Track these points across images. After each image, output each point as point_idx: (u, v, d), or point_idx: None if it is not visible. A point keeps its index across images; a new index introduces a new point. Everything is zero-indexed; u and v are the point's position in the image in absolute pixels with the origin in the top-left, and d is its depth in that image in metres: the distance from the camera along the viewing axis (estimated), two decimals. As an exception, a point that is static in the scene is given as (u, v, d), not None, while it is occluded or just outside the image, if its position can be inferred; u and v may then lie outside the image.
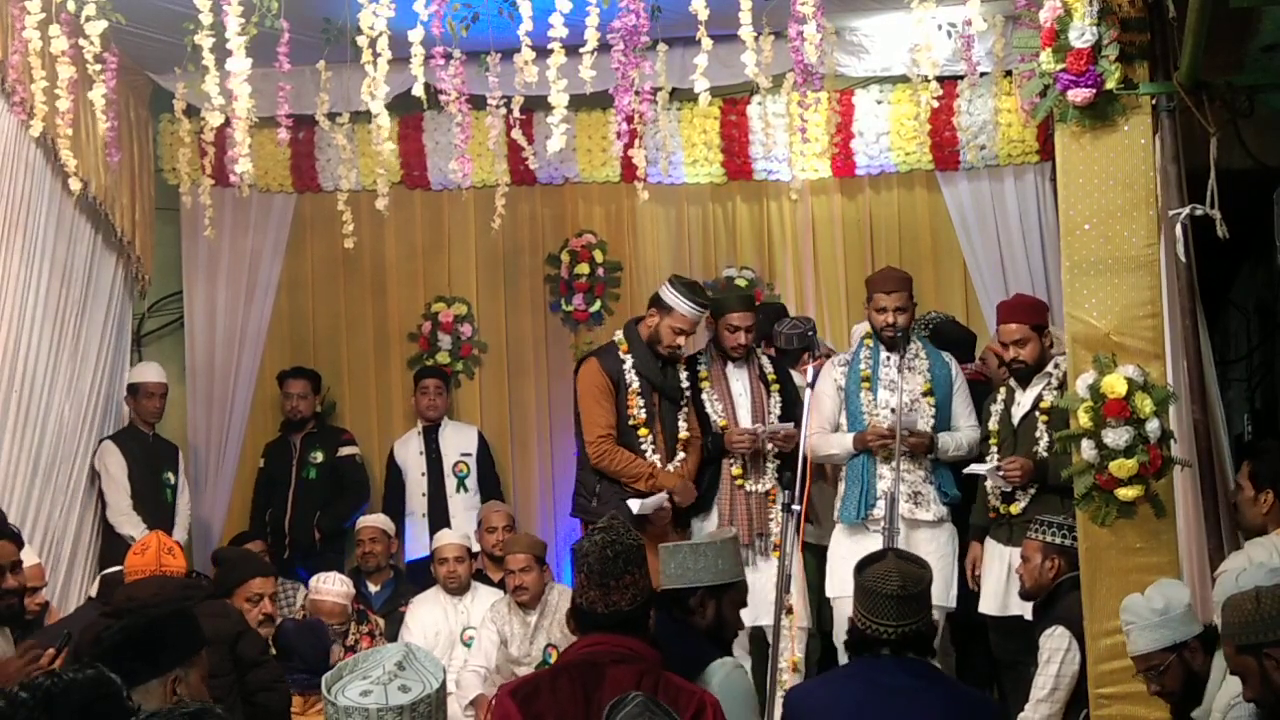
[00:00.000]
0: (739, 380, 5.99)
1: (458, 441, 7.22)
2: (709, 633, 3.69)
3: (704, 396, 5.97)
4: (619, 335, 5.98)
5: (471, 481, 7.14)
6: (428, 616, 6.30)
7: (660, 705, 2.66)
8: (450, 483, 7.10)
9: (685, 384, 5.96)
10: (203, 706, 2.26)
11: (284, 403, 7.26)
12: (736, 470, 5.87)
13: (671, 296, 5.79)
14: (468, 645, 6.15)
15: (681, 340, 5.82)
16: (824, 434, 5.81)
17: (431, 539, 6.79)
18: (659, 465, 5.80)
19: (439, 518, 7.02)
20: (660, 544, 3.95)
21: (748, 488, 5.86)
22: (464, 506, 7.04)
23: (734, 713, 3.34)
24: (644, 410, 5.80)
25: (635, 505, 5.67)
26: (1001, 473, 5.45)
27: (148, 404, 6.79)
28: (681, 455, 5.89)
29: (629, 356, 5.84)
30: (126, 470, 6.59)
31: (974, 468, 5.58)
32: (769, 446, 5.84)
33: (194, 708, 2.25)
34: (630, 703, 2.62)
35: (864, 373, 5.78)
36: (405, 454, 7.26)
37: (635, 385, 5.80)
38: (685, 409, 5.96)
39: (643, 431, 5.79)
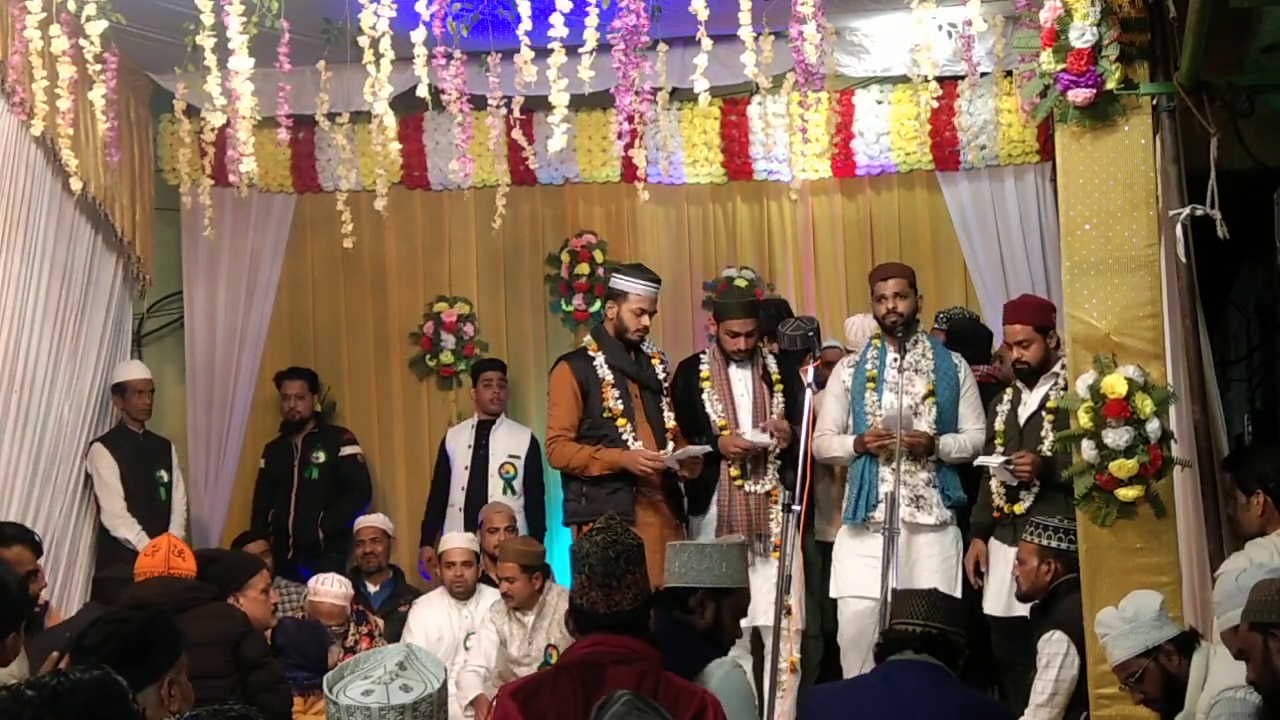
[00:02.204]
0: (741, 381, 6.00)
1: (508, 443, 7.15)
2: (706, 635, 3.70)
3: (704, 396, 5.97)
4: (587, 338, 6.04)
5: (519, 484, 7.09)
6: (431, 619, 6.27)
7: (648, 703, 2.64)
8: (495, 483, 7.03)
9: (662, 375, 5.98)
10: (246, 709, 2.27)
11: (281, 404, 7.25)
12: (735, 471, 5.87)
13: (622, 282, 5.87)
14: (470, 650, 6.13)
15: (645, 321, 5.86)
16: (829, 435, 5.82)
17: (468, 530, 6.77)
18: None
19: (473, 514, 6.95)
20: (668, 543, 3.96)
21: (747, 488, 5.86)
22: (513, 509, 6.92)
23: (733, 712, 3.34)
24: (620, 402, 5.81)
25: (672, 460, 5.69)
26: (1012, 467, 5.45)
27: (137, 401, 6.77)
28: (672, 444, 5.88)
29: (599, 354, 5.87)
30: (118, 472, 6.57)
31: (984, 460, 5.57)
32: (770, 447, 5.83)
33: (239, 709, 2.27)
34: (617, 701, 2.61)
35: (870, 373, 5.79)
36: (455, 444, 7.22)
37: (609, 379, 5.81)
38: (667, 398, 5.97)
39: (620, 422, 5.80)
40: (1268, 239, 5.89)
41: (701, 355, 6.14)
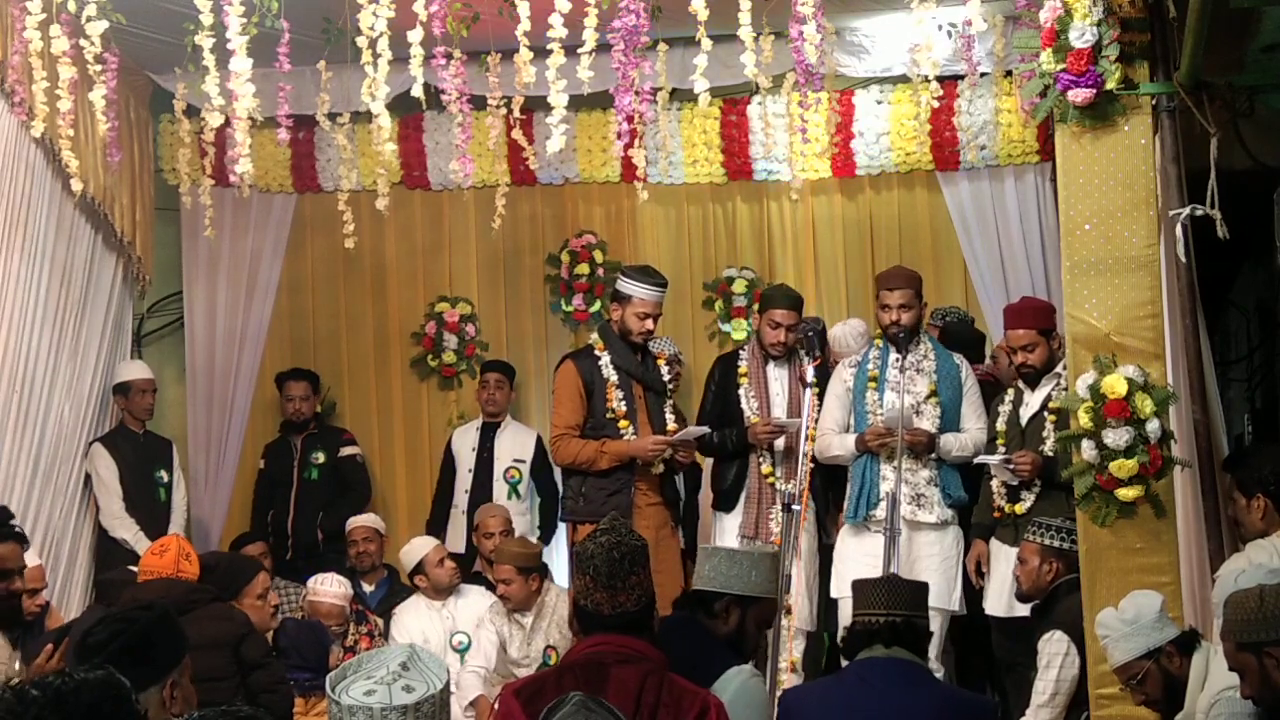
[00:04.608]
0: (778, 380, 6.02)
1: (513, 446, 7.11)
2: (728, 641, 3.69)
3: (741, 391, 5.99)
4: (594, 336, 6.06)
5: (524, 488, 7.06)
6: (413, 624, 6.22)
7: (600, 703, 2.63)
8: (500, 487, 7.01)
9: (667, 378, 6.02)
10: (255, 711, 2.28)
11: (285, 405, 7.24)
12: (767, 469, 5.89)
13: (627, 285, 5.88)
14: (459, 651, 6.11)
15: (649, 324, 5.88)
16: (829, 435, 5.82)
17: (470, 533, 6.77)
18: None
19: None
20: (700, 545, 3.96)
21: (779, 486, 5.87)
22: (516, 512, 6.90)
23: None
24: (623, 403, 5.83)
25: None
26: (1012, 466, 5.46)
27: (140, 401, 6.77)
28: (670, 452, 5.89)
29: (605, 354, 5.89)
30: (117, 472, 6.57)
31: (984, 458, 5.58)
32: (807, 447, 5.85)
33: (247, 710, 2.28)
34: (568, 703, 2.60)
35: (871, 373, 5.79)
36: (461, 445, 7.20)
37: (614, 379, 5.83)
38: (671, 402, 5.99)
39: (623, 424, 5.82)
40: (1268, 239, 5.90)
41: (740, 351, 6.17)
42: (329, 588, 6.07)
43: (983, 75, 6.18)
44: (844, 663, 5.48)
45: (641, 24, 4.89)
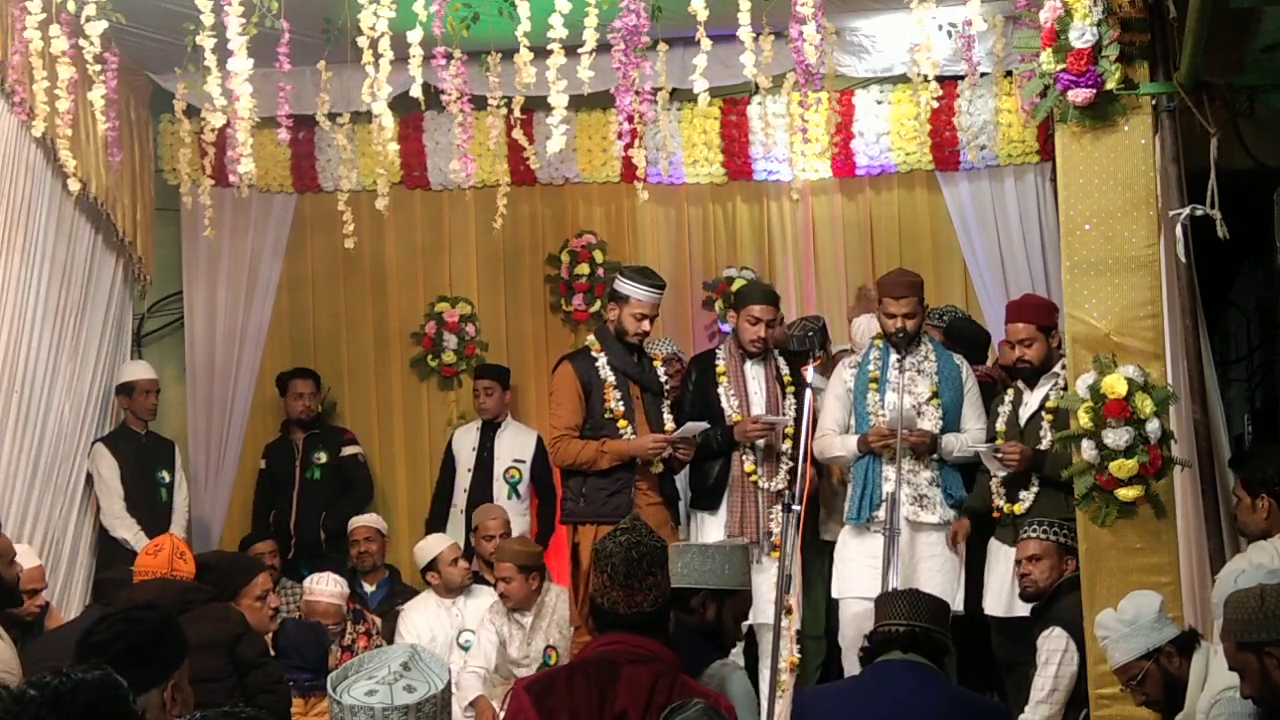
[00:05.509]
0: (756, 379, 6.02)
1: (513, 446, 7.10)
2: (707, 635, 3.71)
3: (720, 391, 5.99)
4: (591, 338, 6.04)
5: (524, 488, 7.05)
6: (421, 621, 6.24)
7: (719, 713, 2.68)
8: (500, 487, 7.00)
9: (664, 378, 6.00)
10: (257, 712, 2.28)
11: (292, 404, 7.22)
12: (749, 466, 5.88)
13: (625, 285, 5.85)
14: (464, 648, 6.12)
15: (646, 325, 5.86)
16: (830, 436, 5.82)
17: (468, 532, 6.77)
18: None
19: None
20: (670, 544, 3.97)
21: (760, 484, 5.86)
22: (515, 512, 6.90)
23: (737, 713, 3.35)
24: (621, 403, 5.82)
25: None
26: (1000, 455, 5.45)
27: (143, 401, 6.78)
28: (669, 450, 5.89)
29: (602, 355, 5.87)
30: (119, 472, 6.58)
31: (975, 446, 5.59)
32: (784, 446, 5.85)
33: (249, 711, 2.28)
34: (692, 707, 2.66)
35: (873, 374, 5.79)
36: (461, 445, 7.20)
37: (611, 380, 5.82)
38: (668, 401, 5.99)
39: (621, 424, 5.80)
40: (1268, 239, 5.90)
41: (717, 351, 6.17)
42: (325, 586, 6.08)
43: (983, 75, 6.17)
44: (847, 658, 5.54)
45: (641, 24, 4.90)
